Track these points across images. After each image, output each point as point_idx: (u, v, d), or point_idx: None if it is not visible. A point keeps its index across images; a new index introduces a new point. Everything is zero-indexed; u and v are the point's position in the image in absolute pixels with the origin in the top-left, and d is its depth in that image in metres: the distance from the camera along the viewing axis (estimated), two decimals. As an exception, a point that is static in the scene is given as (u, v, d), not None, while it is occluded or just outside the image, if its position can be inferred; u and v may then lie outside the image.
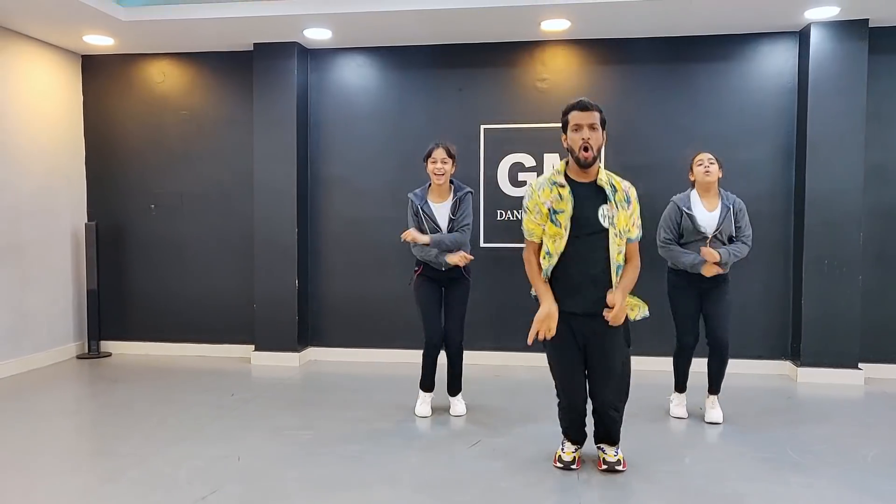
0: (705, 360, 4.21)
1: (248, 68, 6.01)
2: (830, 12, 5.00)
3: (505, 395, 4.91)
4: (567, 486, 3.24)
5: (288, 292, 5.93)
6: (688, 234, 4.08)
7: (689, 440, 3.94)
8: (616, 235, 3.14)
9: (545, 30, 5.46)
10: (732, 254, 4.02)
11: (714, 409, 4.23)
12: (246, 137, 6.10)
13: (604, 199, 3.15)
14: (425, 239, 4.12)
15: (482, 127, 5.84)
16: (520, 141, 5.78)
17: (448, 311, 4.27)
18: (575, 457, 3.46)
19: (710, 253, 3.95)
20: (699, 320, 4.15)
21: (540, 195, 3.19)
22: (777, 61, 5.53)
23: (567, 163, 3.24)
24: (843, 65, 5.21)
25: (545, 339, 3.18)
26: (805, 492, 3.18)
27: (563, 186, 3.16)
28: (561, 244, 3.15)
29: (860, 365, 5.32)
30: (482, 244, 5.82)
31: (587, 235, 3.13)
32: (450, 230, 4.17)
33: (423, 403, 4.43)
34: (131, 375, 5.51)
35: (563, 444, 3.52)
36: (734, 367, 5.39)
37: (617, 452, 3.44)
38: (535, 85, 5.80)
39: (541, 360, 3.54)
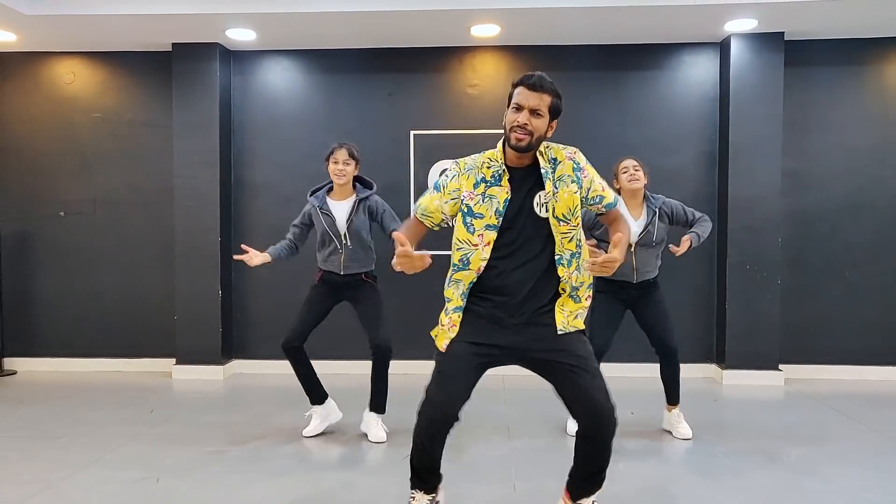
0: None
1: (167, 69, 5.73)
2: (748, 25, 5.17)
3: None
4: None
5: (211, 303, 5.67)
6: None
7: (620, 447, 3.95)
8: (559, 221, 2.47)
9: (476, 35, 5.43)
10: (701, 235, 3.92)
11: (682, 424, 4.07)
12: (165, 141, 5.81)
13: (542, 183, 2.49)
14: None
15: (412, 133, 5.76)
16: (450, 147, 5.71)
17: (365, 319, 3.98)
18: None
19: (682, 246, 3.85)
20: (613, 329, 3.95)
21: (463, 183, 2.53)
22: (700, 70, 5.68)
23: (504, 145, 2.51)
24: (761, 75, 5.40)
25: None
26: (737, 494, 3.22)
27: (498, 182, 2.48)
28: (477, 257, 2.51)
29: (780, 366, 5.50)
30: (414, 251, 5.73)
31: (524, 235, 2.49)
32: (348, 229, 3.97)
33: (312, 417, 4.14)
34: (38, 394, 5.13)
35: (412, 497, 2.69)
36: (663, 370, 5.51)
37: None
38: (465, 91, 5.76)
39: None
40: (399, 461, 3.63)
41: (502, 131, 2.51)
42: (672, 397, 4.12)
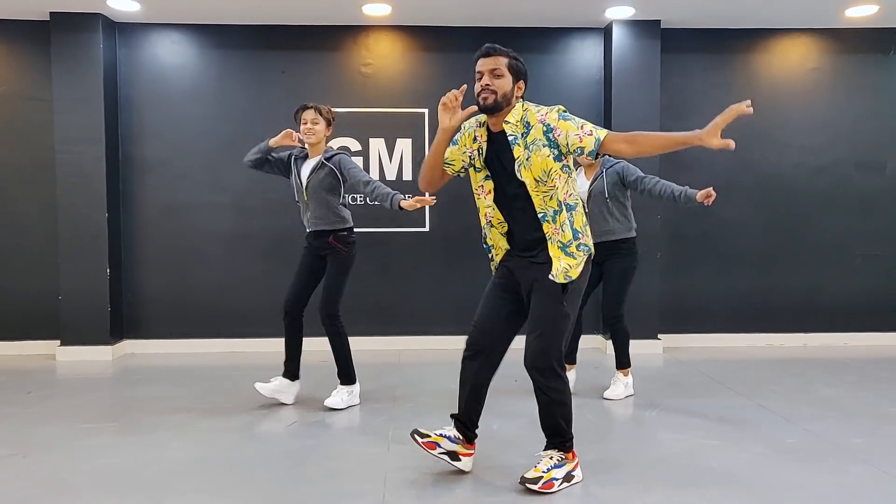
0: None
1: (45, 40, 5.50)
2: (627, 12, 5.44)
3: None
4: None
5: (99, 282, 5.52)
6: None
7: (517, 405, 4.13)
8: (537, 182, 2.65)
9: (368, 14, 5.48)
10: (675, 188, 4.11)
11: (614, 385, 4.39)
12: (45, 116, 5.59)
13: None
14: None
15: (307, 110, 5.76)
16: (345, 125, 5.74)
17: (323, 287, 4.05)
18: (437, 441, 2.89)
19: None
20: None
21: (467, 140, 2.85)
22: (587, 55, 5.93)
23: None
24: (640, 60, 5.69)
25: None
26: (594, 446, 3.45)
27: (478, 137, 2.82)
28: (482, 205, 2.84)
29: (659, 336, 5.85)
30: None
31: (510, 192, 2.75)
32: (307, 186, 3.98)
33: (270, 388, 4.11)
34: None
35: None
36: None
37: (551, 467, 2.80)
38: (359, 70, 5.81)
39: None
40: (283, 430, 3.70)
41: (396, 110, 2.65)
42: (617, 362, 4.44)
